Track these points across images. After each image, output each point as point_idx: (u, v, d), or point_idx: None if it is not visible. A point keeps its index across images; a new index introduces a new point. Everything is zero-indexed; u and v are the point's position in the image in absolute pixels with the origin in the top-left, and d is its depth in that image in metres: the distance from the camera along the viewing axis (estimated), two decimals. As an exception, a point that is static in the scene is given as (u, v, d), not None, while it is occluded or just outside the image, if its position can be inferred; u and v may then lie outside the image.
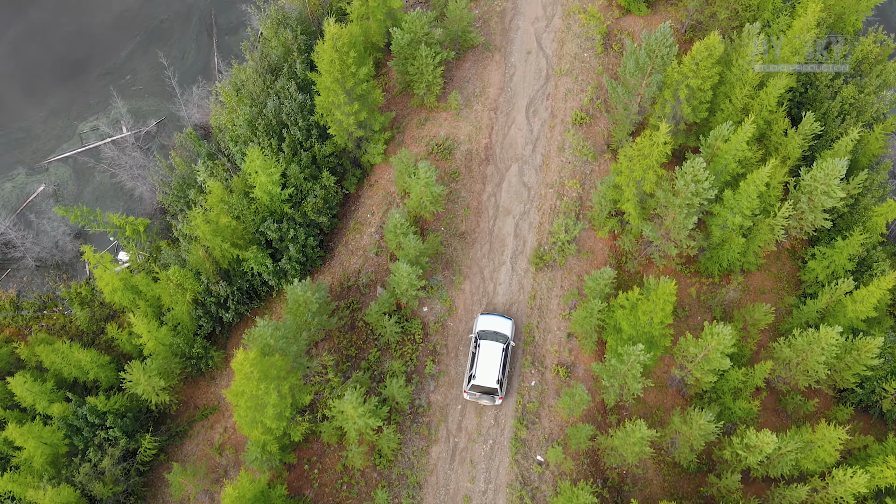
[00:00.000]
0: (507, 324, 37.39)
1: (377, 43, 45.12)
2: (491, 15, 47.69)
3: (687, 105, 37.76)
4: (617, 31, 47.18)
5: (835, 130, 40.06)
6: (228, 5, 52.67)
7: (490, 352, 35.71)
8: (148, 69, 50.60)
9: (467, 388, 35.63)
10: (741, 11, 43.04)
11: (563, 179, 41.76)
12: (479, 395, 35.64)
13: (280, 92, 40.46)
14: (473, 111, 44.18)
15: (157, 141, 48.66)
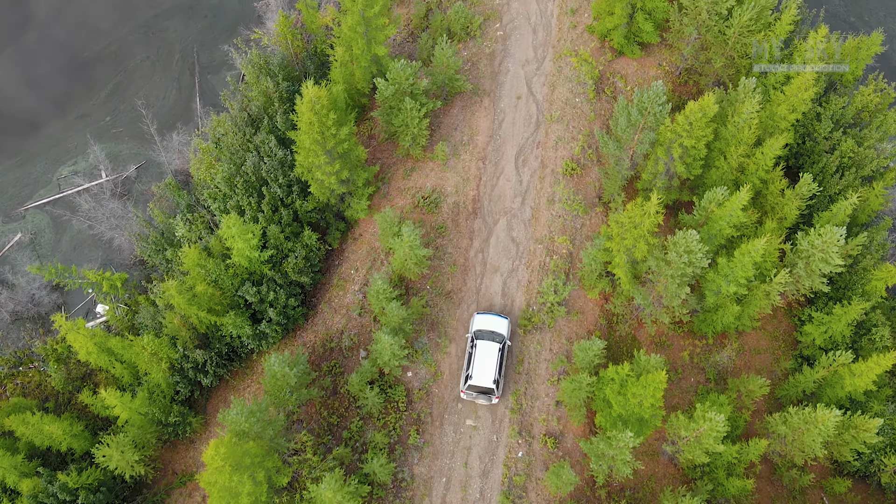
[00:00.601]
0: (504, 323, 37.27)
1: (362, 89, 43.74)
2: (480, 57, 46.27)
3: (680, 163, 36.47)
4: (609, 75, 45.80)
5: (833, 187, 38.78)
6: (211, 42, 51.25)
7: (486, 352, 35.63)
8: (128, 110, 49.22)
9: (464, 388, 35.65)
10: (737, 59, 41.67)
11: (552, 234, 40.47)
12: (476, 394, 35.71)
13: (260, 146, 39.11)
14: (461, 161, 42.85)
15: (137, 186, 47.34)
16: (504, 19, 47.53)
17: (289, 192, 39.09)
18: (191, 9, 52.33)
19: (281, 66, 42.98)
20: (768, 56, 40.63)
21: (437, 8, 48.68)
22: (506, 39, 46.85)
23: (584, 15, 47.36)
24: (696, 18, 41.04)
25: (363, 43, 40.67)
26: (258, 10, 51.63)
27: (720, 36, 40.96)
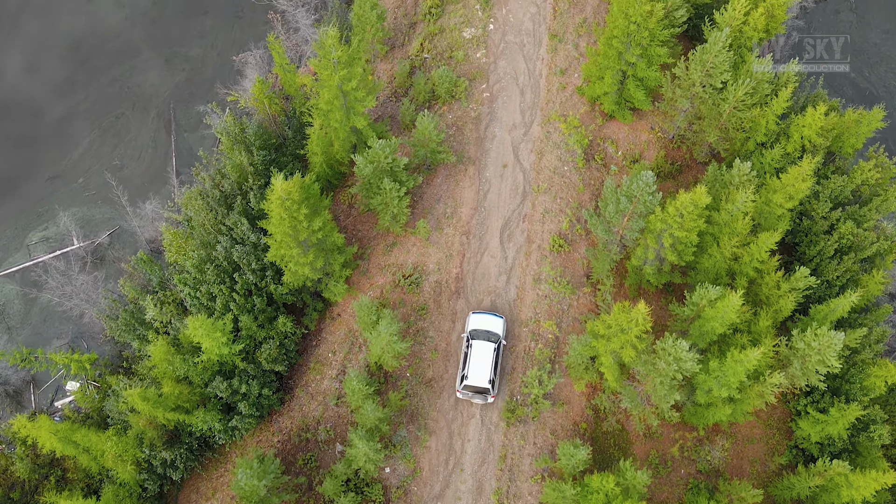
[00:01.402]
0: (499, 322, 37.55)
1: (341, 159, 42.01)
2: (465, 121, 44.50)
3: (671, 251, 34.82)
4: (600, 140, 44.07)
5: (832, 272, 37.11)
6: (188, 98, 49.47)
7: (482, 352, 36.07)
8: (102, 171, 47.46)
9: (460, 387, 36.14)
10: (731, 132, 39.92)
11: (538, 317, 38.85)
12: (472, 394, 36.26)
13: (233, 228, 37.43)
14: (444, 235, 41.17)
15: (111, 253, 45.69)
16: (491, 79, 45.74)
17: (262, 277, 37.46)
18: (168, 62, 50.51)
19: (257, 134, 41.18)
20: (763, 132, 38.88)
21: (422, 66, 46.87)
22: (492, 101, 45.06)
23: (574, 75, 45.60)
24: (689, 90, 39.29)
25: (341, 115, 38.92)
26: (237, 65, 49.84)
27: (714, 108, 39.23)
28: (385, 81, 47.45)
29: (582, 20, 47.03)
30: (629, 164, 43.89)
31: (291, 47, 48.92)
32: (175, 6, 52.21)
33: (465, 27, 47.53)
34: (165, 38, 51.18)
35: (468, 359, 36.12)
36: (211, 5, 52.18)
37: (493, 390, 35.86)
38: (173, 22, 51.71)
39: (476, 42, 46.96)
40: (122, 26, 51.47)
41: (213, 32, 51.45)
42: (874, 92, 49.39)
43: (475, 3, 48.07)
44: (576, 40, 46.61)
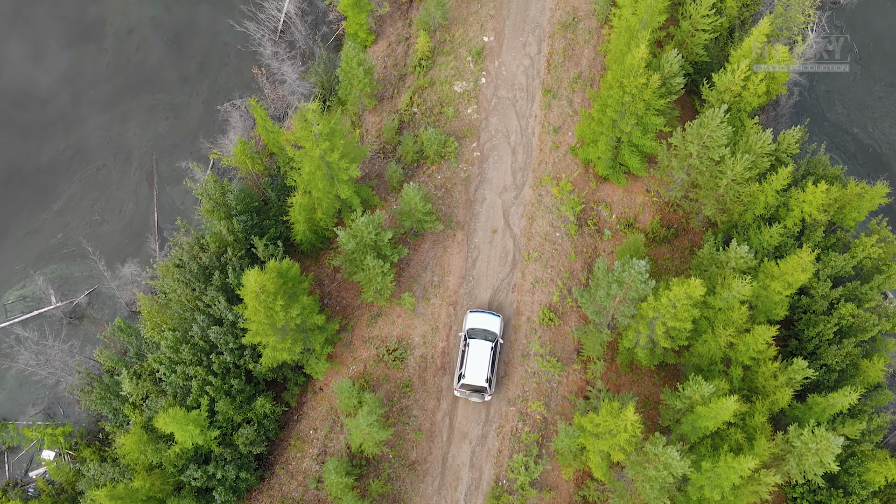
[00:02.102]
0: (496, 321, 37.83)
1: (325, 225, 40.63)
2: (454, 183, 43.09)
3: (664, 338, 33.49)
4: (594, 203, 42.66)
5: (831, 357, 35.72)
6: (171, 148, 48.00)
7: (479, 351, 36.38)
8: (82, 226, 46.13)
9: (457, 386, 36.46)
10: (729, 204, 38.51)
11: (526, 396, 37.55)
12: (469, 392, 36.61)
13: (211, 304, 36.12)
14: (431, 306, 39.84)
15: (90, 313, 44.40)
16: (482, 137, 44.29)
17: (241, 356, 36.17)
18: (151, 110, 49.06)
19: (238, 198, 39.76)
20: (763, 206, 37.46)
21: (411, 122, 45.41)
22: (483, 161, 43.63)
23: (568, 133, 44.16)
24: (685, 160, 37.85)
25: (325, 184, 37.58)
26: (222, 114, 48.36)
27: (712, 180, 37.81)
28: (373, 135, 46.05)
29: (577, 74, 45.55)
30: (623, 228, 42.50)
31: (278, 99, 47.48)
32: (159, 51, 50.72)
33: (457, 80, 46.06)
34: (148, 85, 49.72)
35: (465, 357, 36.49)
36: (196, 51, 50.68)
37: (489, 389, 36.26)
38: (157, 68, 50.23)
39: (467, 97, 45.48)
40: (105, 72, 50.00)
41: (198, 79, 49.96)
42: (878, 149, 47.87)
43: (467, 54, 46.58)
44: (570, 96, 45.14)
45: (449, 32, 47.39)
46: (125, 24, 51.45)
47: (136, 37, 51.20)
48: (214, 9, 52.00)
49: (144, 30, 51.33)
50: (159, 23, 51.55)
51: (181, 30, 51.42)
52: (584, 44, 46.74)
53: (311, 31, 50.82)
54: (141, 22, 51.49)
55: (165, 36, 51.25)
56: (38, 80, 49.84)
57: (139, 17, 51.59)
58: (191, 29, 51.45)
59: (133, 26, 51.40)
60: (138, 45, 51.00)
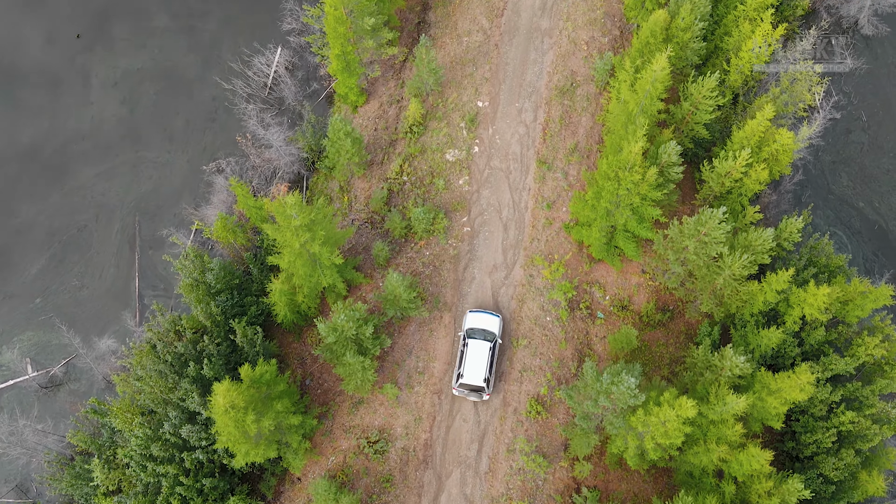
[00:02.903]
0: (495, 321, 38.23)
1: (308, 307, 39.30)
2: (443, 260, 41.66)
3: (654, 450, 32.10)
4: (587, 285, 41.19)
5: (828, 468, 34.25)
6: (155, 210, 46.61)
7: (478, 351, 36.78)
8: (61, 291, 44.93)
9: (456, 385, 36.86)
10: (727, 299, 37.00)
11: (510, 494, 36.22)
12: (468, 392, 36.97)
13: (185, 397, 34.86)
14: (414, 394, 38.50)
15: (67, 385, 43.25)
16: (473, 211, 42.82)
17: (214, 451, 34.91)
18: (135, 168, 47.69)
19: (218, 277, 38.46)
20: (761, 304, 35.94)
21: (400, 192, 43.95)
22: (473, 238, 42.17)
23: (562, 209, 42.65)
24: (681, 252, 36.34)
25: (306, 271, 36.23)
26: (207, 174, 46.95)
27: (709, 274, 36.31)
28: (362, 203, 44.64)
29: (573, 145, 43.98)
30: (617, 311, 41.03)
31: (264, 162, 46.06)
32: (145, 106, 49.31)
33: (449, 148, 44.55)
34: (133, 142, 48.35)
35: (464, 357, 36.86)
36: (182, 106, 49.23)
37: (488, 388, 36.67)
38: (142, 123, 48.83)
39: (459, 167, 43.99)
40: (88, 128, 48.63)
41: (183, 136, 48.55)
42: (884, 225, 46.18)
43: (460, 120, 45.04)
44: (566, 168, 43.61)
45: (442, 96, 45.86)
46: (111, 76, 50.04)
47: (121, 90, 49.80)
48: (203, 61, 50.55)
49: (130, 82, 49.93)
50: (146, 75, 50.13)
51: (168, 83, 49.97)
52: (582, 111, 45.15)
53: (300, 88, 49.35)
54: (127, 74, 50.08)
55: (152, 89, 49.83)
56: (18, 132, 48.54)
57: (126, 69, 50.17)
58: (178, 82, 50.00)
59: (119, 79, 49.99)
60: (124, 99, 49.62)
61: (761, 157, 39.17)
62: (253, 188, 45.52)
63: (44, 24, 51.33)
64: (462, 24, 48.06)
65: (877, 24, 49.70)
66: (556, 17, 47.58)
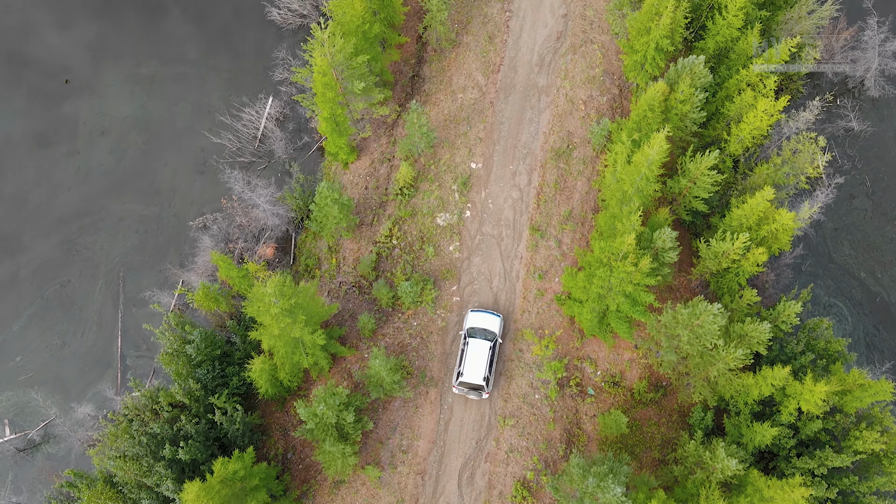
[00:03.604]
0: (496, 321, 38.78)
1: (291, 383, 38.31)
2: (431, 331, 40.62)
3: (639, 553, 31.08)
4: (577, 361, 40.11)
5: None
6: (139, 266, 45.63)
7: (478, 350, 37.41)
8: (42, 349, 44.08)
9: (455, 383, 37.47)
10: (720, 387, 35.86)
11: (493, 586, 35.28)
12: (467, 390, 37.61)
13: (160, 483, 33.92)
14: (397, 474, 37.50)
15: (45, 448, 42.40)
16: (463, 279, 41.75)
17: (189, 539, 33.95)
18: (120, 221, 46.72)
19: (199, 349, 37.53)
20: (756, 395, 34.79)
21: (389, 257, 42.90)
22: (462, 308, 41.10)
23: (555, 279, 41.55)
24: (674, 339, 35.23)
25: (288, 351, 35.25)
26: (193, 230, 45.95)
27: (702, 363, 35.19)
28: (350, 265, 43.58)
29: (568, 212, 42.83)
30: (608, 387, 39.94)
31: (248, 223, 45.02)
32: (132, 156, 48.33)
33: (440, 212, 43.46)
34: (119, 193, 47.38)
35: (464, 356, 37.44)
36: (170, 157, 48.23)
37: (487, 387, 37.27)
38: (129, 174, 47.86)
39: (450, 232, 42.90)
40: (74, 179, 47.69)
41: (171, 188, 47.56)
42: (886, 297, 44.93)
43: (452, 182, 43.95)
44: (559, 236, 42.48)
45: (434, 157, 44.73)
46: (99, 124, 49.08)
47: (109, 139, 48.83)
48: (193, 109, 49.53)
49: (118, 130, 48.96)
50: (134, 123, 49.14)
51: (156, 132, 48.97)
52: (578, 175, 44.01)
53: (291, 140, 48.30)
54: (115, 122, 49.11)
55: (140, 138, 48.84)
56: (2, 181, 47.60)
57: (113, 117, 49.20)
58: (166, 131, 49.00)
59: (107, 127, 49.03)
60: (111, 148, 48.65)
61: (760, 235, 38.03)
62: (239, 249, 44.51)
63: (32, 66, 50.36)
64: (457, 80, 46.92)
65: (884, 85, 48.36)
66: (553, 74, 46.42)
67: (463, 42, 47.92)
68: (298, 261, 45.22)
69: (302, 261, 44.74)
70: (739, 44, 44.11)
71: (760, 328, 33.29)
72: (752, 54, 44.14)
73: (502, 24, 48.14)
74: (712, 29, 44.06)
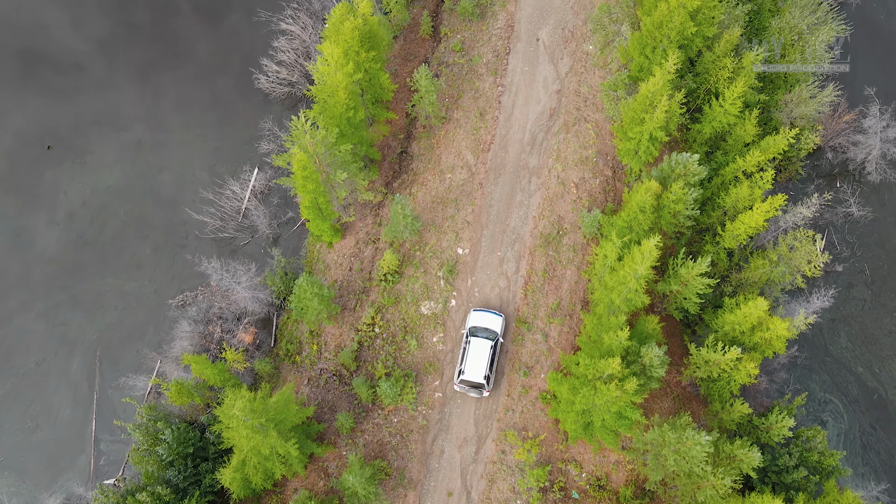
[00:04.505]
0: (498, 320, 39.34)
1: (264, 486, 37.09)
2: (411, 430, 39.37)
3: None
4: (562, 464, 38.82)
5: None
6: (118, 344, 44.49)
7: (479, 349, 37.96)
8: (13, 433, 42.98)
9: (457, 381, 38.03)
10: None
11: None
12: (468, 388, 38.23)
13: None
14: (372, 585, 36.27)
15: (14, 539, 41.33)
16: (446, 374, 40.51)
17: None
18: (99, 297, 45.61)
19: (171, 449, 36.42)
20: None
21: (371, 346, 41.66)
22: (444, 405, 39.88)
23: (540, 376, 40.28)
24: (660, 458, 33.92)
25: (260, 459, 34.05)
26: (172, 310, 44.86)
27: (690, 484, 33.89)
28: (332, 351, 42.40)
29: (556, 304, 41.56)
30: (593, 491, 38.66)
31: (228, 306, 43.85)
32: (113, 228, 47.24)
33: (424, 300, 42.25)
34: (99, 267, 46.31)
35: (466, 354, 38.01)
36: (152, 229, 47.15)
37: (488, 385, 37.92)
38: (110, 247, 46.80)
39: (434, 322, 41.68)
40: (54, 250, 46.64)
41: (152, 263, 46.46)
42: (883, 394, 43.52)
43: (438, 269, 42.74)
44: (546, 329, 41.21)
45: (421, 241, 43.55)
46: (81, 193, 48.05)
47: (90, 209, 47.80)
48: (176, 179, 48.47)
49: (100, 201, 47.91)
50: (116, 194, 48.09)
51: (138, 203, 47.93)
52: (568, 263, 42.75)
53: (275, 215, 47.21)
54: (97, 192, 48.07)
55: (122, 209, 47.78)
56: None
57: (95, 187, 48.17)
58: (148, 202, 47.96)
59: (88, 197, 47.99)
60: (92, 219, 47.61)
61: (753, 341, 36.76)
62: (219, 333, 43.35)
63: (14, 130, 49.38)
64: (446, 159, 45.74)
65: (885, 168, 47.04)
66: (545, 154, 45.22)
67: (453, 118, 46.76)
68: (280, 343, 44.06)
69: (283, 344, 43.56)
70: (737, 129, 42.93)
71: (750, 455, 32.00)
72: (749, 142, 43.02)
73: (494, 100, 46.98)
74: (709, 114, 42.85)
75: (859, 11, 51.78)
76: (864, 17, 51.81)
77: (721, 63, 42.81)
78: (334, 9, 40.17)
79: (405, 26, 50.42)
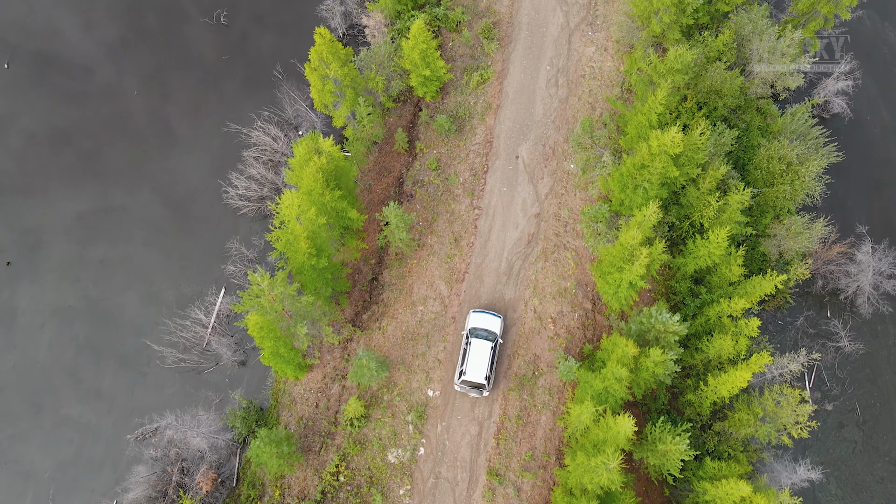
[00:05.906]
0: (497, 322, 40.24)
1: None
2: None
3: None
4: None
5: None
6: (72, 484, 42.32)
7: (480, 349, 38.85)
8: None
9: (458, 381, 38.85)
10: None
11: None
12: (469, 388, 39.04)
13: None
14: None
15: None
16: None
17: None
18: (54, 429, 43.20)
19: None
20: None
21: (335, 498, 39.64)
22: None
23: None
24: None
25: None
26: (131, 446, 42.88)
27: None
28: (295, 496, 40.34)
29: (529, 455, 39.57)
30: None
31: (187, 450, 41.84)
32: (72, 353, 45.31)
33: (392, 447, 40.26)
34: (56, 396, 44.38)
35: (467, 355, 38.83)
36: (112, 354, 45.16)
37: (488, 385, 38.80)
38: (68, 373, 44.86)
39: (401, 471, 39.68)
40: (9, 377, 44.68)
41: (111, 392, 44.49)
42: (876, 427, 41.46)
43: (407, 412, 40.77)
44: (519, 482, 39.20)
45: (389, 381, 41.57)
46: (39, 314, 46.15)
47: (48, 331, 45.88)
48: (139, 299, 46.56)
49: (59, 322, 46.03)
50: (76, 314, 46.18)
51: (99, 325, 46.01)
52: (543, 408, 40.77)
53: (241, 342, 45.25)
54: (56, 312, 46.17)
55: (82, 332, 45.86)
56: (-65, 380, 44.71)
57: (55, 307, 46.27)
58: (110, 324, 46.04)
59: (47, 318, 46.09)
60: (50, 343, 45.69)
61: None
62: (177, 476, 41.33)
63: (-27, 245, 47.63)
64: (418, 290, 43.80)
65: (877, 300, 45.05)
66: (522, 285, 43.28)
67: (427, 243, 44.86)
68: (241, 485, 42.03)
69: (244, 489, 41.52)
70: (721, 269, 41.04)
71: None
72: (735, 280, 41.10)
73: (470, 224, 45.09)
74: (693, 251, 40.95)
75: (852, 126, 49.87)
76: (858, 135, 49.89)
77: (705, 200, 40.95)
78: (297, 145, 38.32)
79: (379, 140, 48.54)
